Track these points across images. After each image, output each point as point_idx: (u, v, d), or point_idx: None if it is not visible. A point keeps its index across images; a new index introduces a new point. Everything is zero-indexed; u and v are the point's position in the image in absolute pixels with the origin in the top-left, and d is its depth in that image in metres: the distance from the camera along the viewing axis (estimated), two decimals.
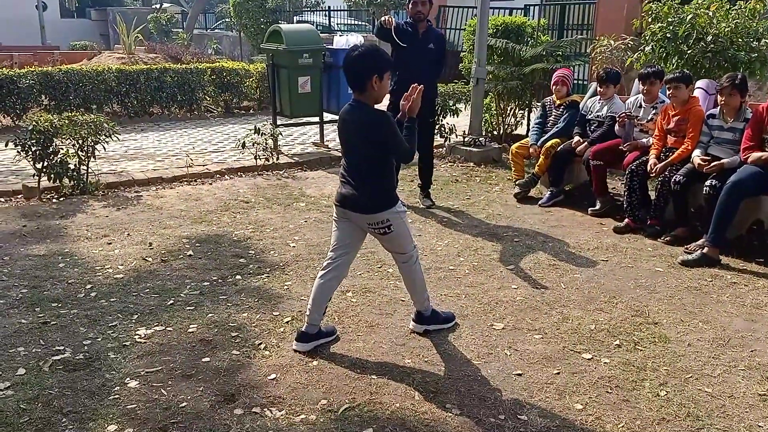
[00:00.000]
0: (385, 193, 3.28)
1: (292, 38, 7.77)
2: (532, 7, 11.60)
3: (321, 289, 3.38)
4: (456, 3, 15.33)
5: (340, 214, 3.37)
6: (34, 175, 6.04)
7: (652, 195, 5.29)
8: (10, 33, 21.95)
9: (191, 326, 3.62)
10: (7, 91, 9.13)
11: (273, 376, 3.14)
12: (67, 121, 6.00)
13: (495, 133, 8.47)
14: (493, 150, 7.74)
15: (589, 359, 3.32)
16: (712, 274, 4.41)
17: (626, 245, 4.99)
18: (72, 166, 6.07)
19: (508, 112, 8.44)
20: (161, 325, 3.63)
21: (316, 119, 8.35)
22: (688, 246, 4.81)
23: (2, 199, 6.01)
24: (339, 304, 3.89)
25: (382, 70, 3.15)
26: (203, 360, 3.27)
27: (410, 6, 5.76)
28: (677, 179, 4.91)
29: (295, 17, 19.67)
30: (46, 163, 5.94)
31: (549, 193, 6.09)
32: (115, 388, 3.01)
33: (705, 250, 4.59)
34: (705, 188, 4.72)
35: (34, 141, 5.83)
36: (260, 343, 3.44)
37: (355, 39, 8.41)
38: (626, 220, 5.31)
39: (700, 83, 5.67)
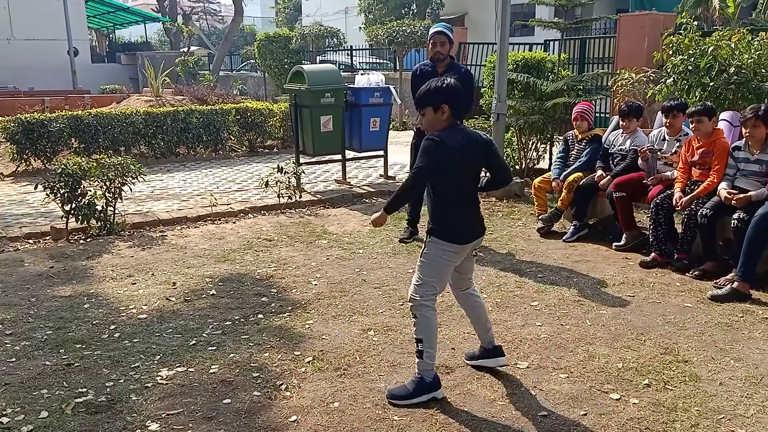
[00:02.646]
0: None
1: (314, 78, 7.90)
2: (552, 42, 11.66)
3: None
4: (476, 39, 15.50)
5: (463, 250, 3.28)
6: (62, 217, 6.16)
7: (679, 228, 5.20)
8: (43, 79, 22.73)
9: (213, 367, 3.61)
10: (38, 134, 9.39)
11: (294, 418, 3.10)
12: (94, 164, 6.14)
13: (517, 167, 8.45)
14: (515, 184, 7.70)
15: (617, 399, 3.22)
16: (742, 310, 4.29)
17: (653, 280, 4.89)
18: (99, 208, 6.18)
19: (530, 146, 8.44)
20: (183, 366, 3.63)
21: (339, 157, 8.43)
22: (718, 280, 4.70)
23: (31, 241, 6.13)
24: (361, 343, 3.86)
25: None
26: (224, 401, 3.25)
27: (429, 46, 5.82)
28: (704, 212, 4.83)
29: (318, 57, 20.03)
30: (74, 205, 6.06)
31: (573, 227, 6.02)
32: (136, 431, 3.00)
33: (735, 284, 4.48)
34: (733, 221, 4.63)
35: (62, 183, 5.96)
36: (281, 384, 3.42)
37: (376, 77, 8.52)
38: (653, 254, 5.22)
39: (724, 115, 5.62)
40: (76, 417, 3.12)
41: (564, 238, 5.97)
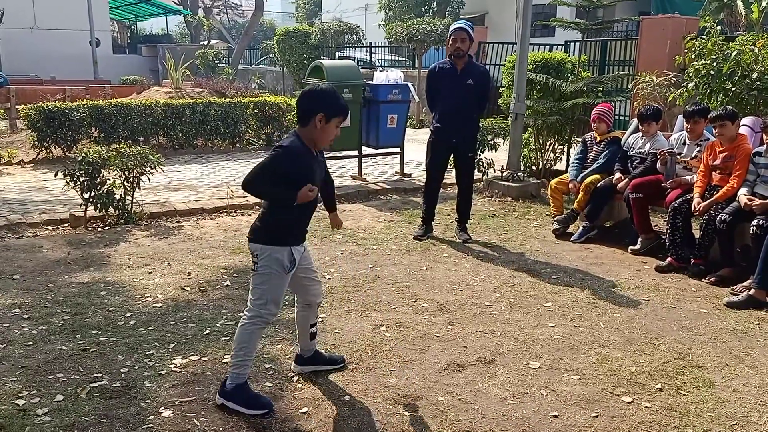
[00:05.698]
0: (264, 227, 3.16)
1: (333, 74, 7.91)
2: (572, 44, 11.58)
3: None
4: (496, 39, 15.44)
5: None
6: (81, 205, 6.23)
7: (696, 233, 5.16)
8: (64, 68, 22.94)
9: (226, 356, 3.63)
10: (59, 123, 9.48)
11: (305, 409, 3.12)
12: (114, 153, 6.19)
13: (534, 168, 8.42)
14: (532, 185, 7.68)
15: (629, 403, 3.21)
16: (758, 317, 4.25)
17: (669, 285, 4.86)
18: (118, 197, 6.24)
19: (548, 147, 8.40)
20: (197, 355, 3.66)
21: (355, 153, 8.45)
22: (734, 287, 4.66)
23: (50, 228, 6.21)
24: (372, 339, 3.88)
25: (329, 113, 3.10)
26: None
27: (450, 43, 5.82)
28: (723, 218, 4.78)
29: (337, 53, 20.05)
30: (93, 193, 6.11)
31: (581, 228, 6.00)
32: (150, 417, 3.03)
33: (751, 291, 4.44)
34: (752, 228, 4.59)
35: (82, 172, 6.02)
36: (293, 376, 3.44)
37: (395, 74, 8.52)
38: (669, 258, 5.19)
39: (745, 120, 5.56)
40: (90, 401, 3.16)
41: (572, 238, 5.96)
